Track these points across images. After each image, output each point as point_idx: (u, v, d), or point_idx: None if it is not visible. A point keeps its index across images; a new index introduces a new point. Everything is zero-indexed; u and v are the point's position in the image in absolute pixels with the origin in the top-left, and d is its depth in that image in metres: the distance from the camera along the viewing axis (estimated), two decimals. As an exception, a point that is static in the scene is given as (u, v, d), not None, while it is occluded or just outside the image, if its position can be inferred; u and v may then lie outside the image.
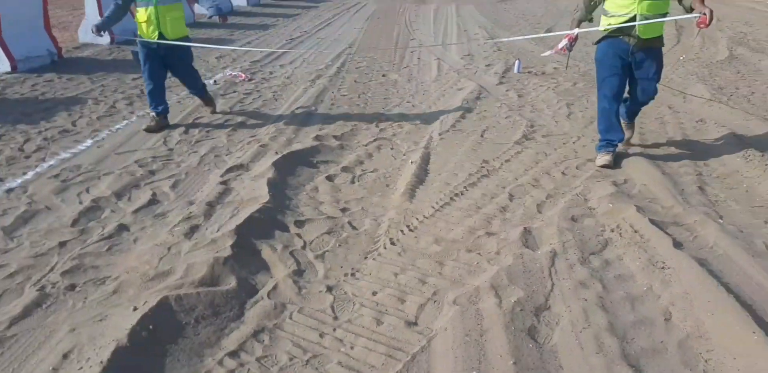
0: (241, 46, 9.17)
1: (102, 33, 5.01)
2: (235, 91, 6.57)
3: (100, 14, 9.01)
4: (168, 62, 5.08)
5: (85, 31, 9.22)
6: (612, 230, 3.26)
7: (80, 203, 3.66)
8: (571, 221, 3.37)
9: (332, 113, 5.77)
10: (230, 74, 7.34)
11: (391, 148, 4.80)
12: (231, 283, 2.76)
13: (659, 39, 4.07)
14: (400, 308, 2.64)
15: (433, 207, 3.66)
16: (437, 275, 2.91)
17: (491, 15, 14.18)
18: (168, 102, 5.23)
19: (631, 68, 4.11)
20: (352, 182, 4.11)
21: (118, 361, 2.17)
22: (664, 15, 3.92)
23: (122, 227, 3.35)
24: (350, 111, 5.87)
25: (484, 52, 9.17)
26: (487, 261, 2.99)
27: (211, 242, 3.11)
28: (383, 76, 7.53)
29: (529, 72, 7.60)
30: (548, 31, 11.27)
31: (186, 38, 5.13)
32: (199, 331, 2.44)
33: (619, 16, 3.95)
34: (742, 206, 3.64)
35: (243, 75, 7.27)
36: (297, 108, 5.88)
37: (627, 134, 4.47)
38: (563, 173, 4.14)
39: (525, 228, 3.29)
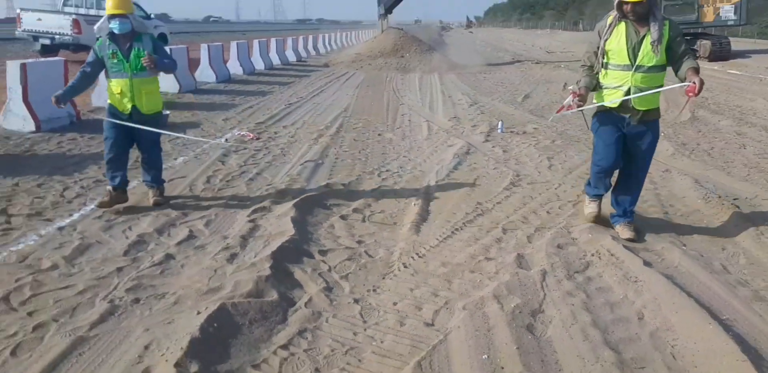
0: (221, 138, 9.90)
1: (62, 105, 4.66)
2: (245, 148, 7.20)
3: (115, 81, 9.78)
4: (136, 135, 4.76)
5: (98, 96, 9.94)
6: (592, 254, 3.83)
7: (126, 238, 4.15)
8: (557, 248, 3.95)
9: (337, 166, 6.40)
10: (239, 134, 8.01)
11: (394, 194, 5.39)
12: (273, 295, 3.25)
13: (656, 111, 4.01)
14: (418, 314, 3.14)
15: (437, 239, 4.21)
16: (447, 289, 3.43)
17: (472, 83, 15.30)
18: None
19: (626, 140, 4.05)
20: (363, 221, 4.66)
21: (193, 349, 2.63)
22: (659, 87, 3.87)
23: (168, 256, 3.84)
24: (353, 164, 6.51)
25: (468, 115, 10.02)
26: (488, 279, 3.53)
27: (251, 265, 3.61)
28: (379, 135, 8.25)
29: (511, 132, 8.39)
30: (526, 97, 12.30)
31: (160, 113, 5.04)
32: (253, 330, 2.92)
33: (613, 88, 3.91)
34: (702, 237, 4.25)
35: (251, 134, 7.94)
36: (305, 161, 6.51)
37: (627, 235, 4.08)
38: (548, 212, 4.75)
39: (518, 254, 3.85)
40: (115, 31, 4.58)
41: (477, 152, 7.06)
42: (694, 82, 3.60)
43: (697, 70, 3.70)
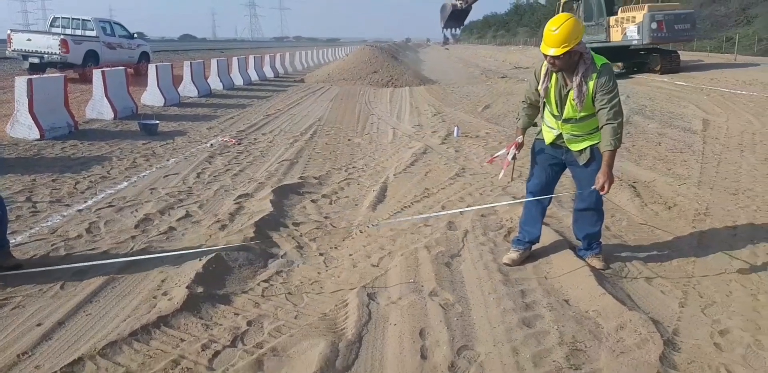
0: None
1: None
2: (229, 152, 8.18)
3: (107, 95, 10.76)
4: None
5: (92, 109, 10.88)
6: (507, 220, 4.88)
7: (135, 217, 5.10)
8: (481, 216, 4.99)
9: (310, 164, 7.42)
10: (222, 139, 8.99)
11: (358, 184, 6.42)
12: (257, 249, 4.24)
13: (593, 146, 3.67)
14: (367, 260, 4.14)
15: (389, 213, 5.24)
16: (391, 245, 4.44)
17: (439, 96, 16.46)
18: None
19: (565, 167, 3.92)
20: (330, 203, 5.67)
21: (198, 280, 3.60)
22: (594, 130, 3.60)
23: (171, 228, 4.80)
24: (324, 162, 7.52)
25: (431, 123, 11.12)
26: (423, 237, 4.55)
27: (239, 231, 4.60)
28: (349, 140, 9.30)
29: (466, 136, 9.48)
30: (486, 107, 13.45)
31: None
32: (242, 271, 3.90)
33: (548, 127, 3.81)
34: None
35: (233, 140, 8.93)
36: (282, 160, 7.51)
37: (599, 266, 3.88)
38: (480, 194, 5.80)
39: (449, 221, 4.89)
40: None
41: (433, 152, 8.12)
42: (602, 186, 3.46)
43: (609, 156, 3.46)
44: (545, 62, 3.56)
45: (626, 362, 2.71)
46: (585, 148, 3.69)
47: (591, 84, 3.45)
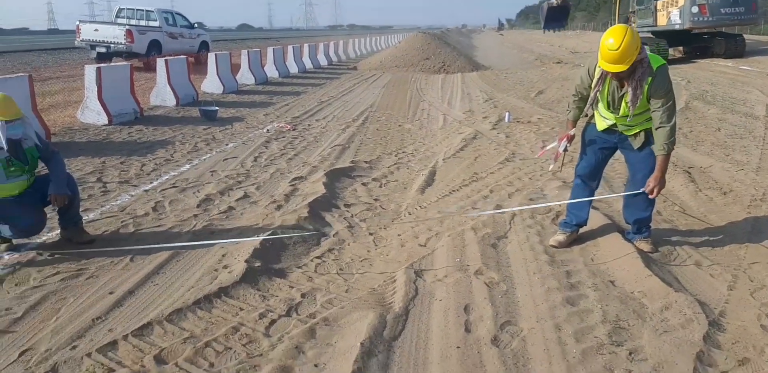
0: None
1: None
2: (284, 137, 8.43)
3: (169, 83, 11.21)
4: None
5: (156, 96, 11.37)
6: (557, 205, 4.90)
7: (197, 197, 5.39)
8: (529, 200, 5.04)
9: (362, 149, 7.58)
10: (278, 125, 9.26)
11: (407, 168, 6.54)
12: (311, 229, 4.43)
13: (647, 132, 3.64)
14: (415, 240, 4.27)
15: (437, 196, 5.34)
16: (438, 226, 4.55)
17: (492, 82, 16.33)
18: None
19: (615, 151, 3.92)
20: (381, 186, 5.82)
21: (256, 256, 3.82)
22: (649, 119, 3.58)
23: (230, 208, 5.06)
24: (375, 147, 7.67)
25: (482, 108, 11.10)
26: (470, 220, 4.64)
27: (293, 211, 4.81)
28: (399, 126, 9.41)
29: (518, 121, 9.44)
30: (540, 93, 13.29)
31: None
32: (297, 248, 4.10)
33: (602, 118, 3.79)
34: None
35: (288, 126, 9.19)
36: (334, 145, 7.70)
37: (647, 248, 3.87)
38: (530, 178, 5.83)
39: (497, 204, 4.95)
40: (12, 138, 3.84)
41: (483, 137, 8.15)
42: (651, 190, 3.53)
43: (662, 161, 3.50)
44: (598, 67, 3.50)
45: (669, 340, 2.76)
46: (639, 132, 3.68)
47: (646, 87, 3.41)
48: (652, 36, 19.65)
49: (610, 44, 3.25)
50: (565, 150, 3.97)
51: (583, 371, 2.55)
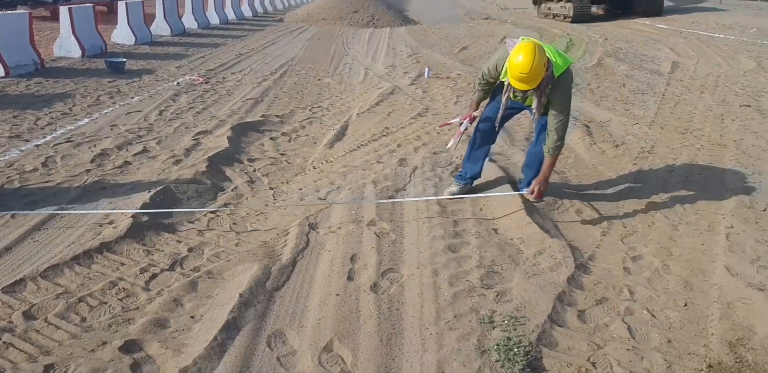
0: (197, 59, 10.68)
1: None
2: (195, 90, 8.12)
3: (74, 32, 10.51)
4: None
5: (59, 47, 10.65)
6: (458, 158, 4.99)
7: (92, 152, 5.15)
8: (433, 154, 5.11)
9: (275, 103, 7.42)
10: (189, 78, 8.90)
11: (320, 123, 6.47)
12: (207, 183, 4.35)
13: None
14: (316, 194, 4.27)
15: (345, 151, 5.33)
16: (341, 180, 4.56)
17: (418, 37, 16.18)
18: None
19: (520, 111, 4.01)
20: (289, 141, 5.74)
21: (145, 208, 3.72)
22: None
23: (126, 163, 4.88)
24: (290, 102, 7.53)
25: (404, 64, 11.03)
26: (373, 173, 4.67)
27: (191, 166, 4.69)
28: (319, 80, 9.24)
29: (437, 77, 9.44)
30: (464, 48, 13.30)
31: None
32: (191, 203, 4.02)
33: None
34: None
35: (200, 78, 8.85)
36: (246, 99, 7.50)
37: (529, 196, 3.84)
38: (437, 133, 5.89)
39: (402, 158, 5.00)
40: None
41: (400, 93, 8.13)
42: (533, 190, 3.66)
43: (549, 163, 3.63)
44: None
45: (535, 282, 2.91)
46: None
47: (548, 92, 3.45)
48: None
49: (521, 66, 3.23)
50: (466, 129, 4.02)
51: (451, 313, 2.66)
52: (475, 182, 4.24)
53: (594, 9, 20.03)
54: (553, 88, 3.44)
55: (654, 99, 7.33)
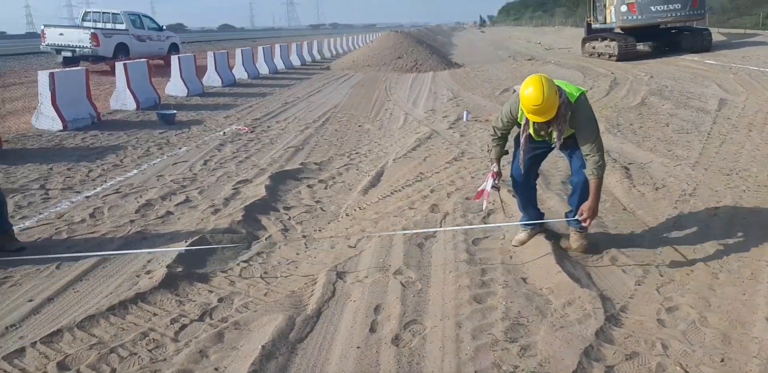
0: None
1: None
2: (240, 139, 8.43)
3: (129, 86, 11.15)
4: None
5: (116, 100, 11.30)
6: (490, 202, 4.96)
7: (138, 202, 5.39)
8: (465, 199, 5.10)
9: (315, 150, 7.61)
10: (236, 128, 9.26)
11: (357, 169, 6.58)
12: (242, 232, 4.46)
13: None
14: (346, 242, 4.32)
15: (378, 197, 5.39)
16: (372, 227, 4.60)
17: (460, 80, 16.41)
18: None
19: (550, 151, 3.92)
20: (326, 188, 5.85)
21: (179, 260, 3.85)
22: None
23: (169, 213, 5.07)
24: (329, 149, 7.71)
25: (444, 107, 11.17)
26: (404, 220, 4.69)
27: (229, 215, 4.83)
28: (359, 126, 9.45)
29: (476, 120, 9.51)
30: (505, 90, 13.38)
31: None
32: (225, 252, 4.13)
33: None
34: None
35: (246, 128, 9.19)
36: (288, 147, 7.72)
37: (573, 244, 3.88)
38: (472, 178, 5.89)
39: (434, 204, 5.01)
40: None
41: (438, 137, 8.21)
42: (584, 219, 3.57)
43: (595, 186, 3.52)
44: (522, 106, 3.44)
45: (561, 335, 2.82)
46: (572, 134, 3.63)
47: (568, 118, 3.44)
48: (621, 32, 19.87)
49: (533, 99, 3.25)
50: (494, 187, 3.93)
51: (472, 368, 2.61)
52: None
53: (640, 46, 19.90)
54: (573, 113, 3.44)
55: (698, 138, 7.15)
